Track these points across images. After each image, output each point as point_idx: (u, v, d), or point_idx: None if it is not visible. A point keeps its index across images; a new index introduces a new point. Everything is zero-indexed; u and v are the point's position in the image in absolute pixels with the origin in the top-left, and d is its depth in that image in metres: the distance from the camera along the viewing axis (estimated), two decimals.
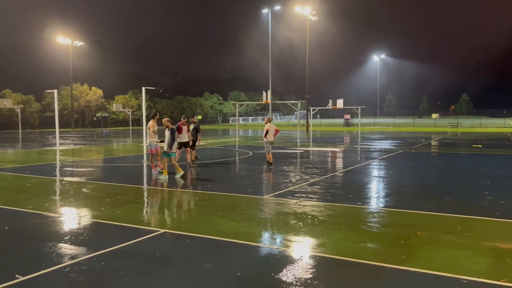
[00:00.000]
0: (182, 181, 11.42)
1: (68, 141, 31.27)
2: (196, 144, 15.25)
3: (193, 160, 14.74)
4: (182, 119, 14.41)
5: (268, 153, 14.42)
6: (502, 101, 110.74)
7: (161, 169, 12.29)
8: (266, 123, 14.61)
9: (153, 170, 12.86)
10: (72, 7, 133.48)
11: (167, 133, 11.71)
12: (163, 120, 12.16)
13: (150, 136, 12.84)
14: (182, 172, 11.99)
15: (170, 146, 11.68)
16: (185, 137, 14.14)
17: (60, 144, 25.70)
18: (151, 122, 12.97)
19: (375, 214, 7.67)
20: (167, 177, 11.66)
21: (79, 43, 63.33)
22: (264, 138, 14.40)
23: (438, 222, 7.02)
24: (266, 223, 6.97)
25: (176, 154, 13.99)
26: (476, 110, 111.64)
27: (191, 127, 15.06)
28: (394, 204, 8.51)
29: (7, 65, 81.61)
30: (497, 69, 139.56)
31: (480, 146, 24.06)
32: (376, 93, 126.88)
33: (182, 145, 14.12)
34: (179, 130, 13.95)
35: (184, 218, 7.57)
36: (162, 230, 6.55)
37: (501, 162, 16.18)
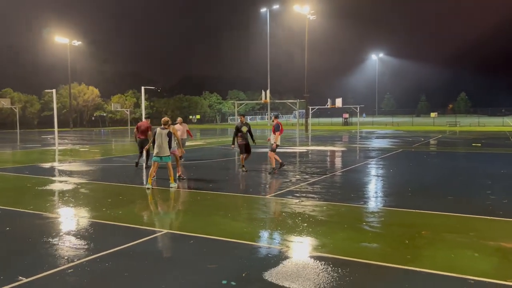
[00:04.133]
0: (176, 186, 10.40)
1: (66, 141, 31.18)
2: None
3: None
4: (273, 117, 13.02)
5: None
6: (500, 99, 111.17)
7: (180, 176, 11.50)
8: (180, 123, 14.89)
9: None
10: (70, 6, 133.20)
11: (165, 133, 10.26)
12: (168, 120, 10.55)
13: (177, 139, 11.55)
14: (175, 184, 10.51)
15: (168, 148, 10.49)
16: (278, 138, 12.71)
17: (59, 144, 25.60)
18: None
19: (378, 214, 7.65)
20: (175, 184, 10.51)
21: (77, 43, 63.24)
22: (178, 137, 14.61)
23: (441, 222, 7.00)
24: (269, 223, 6.94)
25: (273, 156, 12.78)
26: (474, 109, 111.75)
27: (245, 128, 13.03)
28: (396, 204, 8.49)
29: (7, 64, 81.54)
30: (495, 68, 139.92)
31: (480, 145, 24.07)
32: (374, 92, 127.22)
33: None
34: (280, 131, 12.59)
35: (187, 218, 7.53)
36: (165, 231, 6.51)
37: (501, 161, 16.16)
